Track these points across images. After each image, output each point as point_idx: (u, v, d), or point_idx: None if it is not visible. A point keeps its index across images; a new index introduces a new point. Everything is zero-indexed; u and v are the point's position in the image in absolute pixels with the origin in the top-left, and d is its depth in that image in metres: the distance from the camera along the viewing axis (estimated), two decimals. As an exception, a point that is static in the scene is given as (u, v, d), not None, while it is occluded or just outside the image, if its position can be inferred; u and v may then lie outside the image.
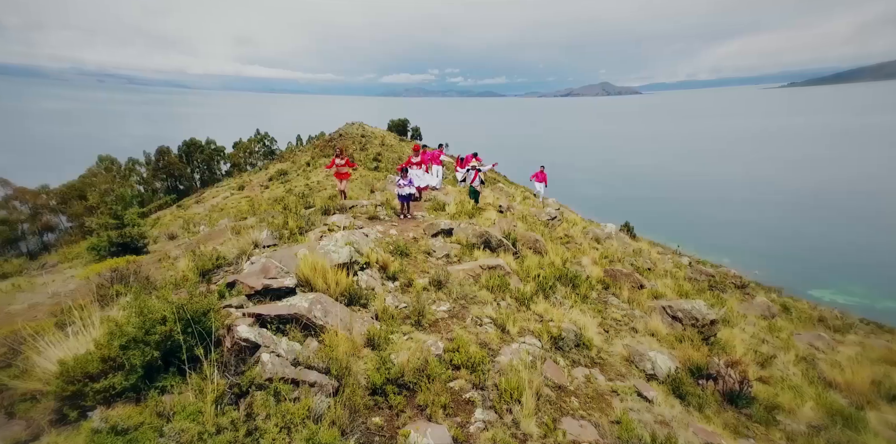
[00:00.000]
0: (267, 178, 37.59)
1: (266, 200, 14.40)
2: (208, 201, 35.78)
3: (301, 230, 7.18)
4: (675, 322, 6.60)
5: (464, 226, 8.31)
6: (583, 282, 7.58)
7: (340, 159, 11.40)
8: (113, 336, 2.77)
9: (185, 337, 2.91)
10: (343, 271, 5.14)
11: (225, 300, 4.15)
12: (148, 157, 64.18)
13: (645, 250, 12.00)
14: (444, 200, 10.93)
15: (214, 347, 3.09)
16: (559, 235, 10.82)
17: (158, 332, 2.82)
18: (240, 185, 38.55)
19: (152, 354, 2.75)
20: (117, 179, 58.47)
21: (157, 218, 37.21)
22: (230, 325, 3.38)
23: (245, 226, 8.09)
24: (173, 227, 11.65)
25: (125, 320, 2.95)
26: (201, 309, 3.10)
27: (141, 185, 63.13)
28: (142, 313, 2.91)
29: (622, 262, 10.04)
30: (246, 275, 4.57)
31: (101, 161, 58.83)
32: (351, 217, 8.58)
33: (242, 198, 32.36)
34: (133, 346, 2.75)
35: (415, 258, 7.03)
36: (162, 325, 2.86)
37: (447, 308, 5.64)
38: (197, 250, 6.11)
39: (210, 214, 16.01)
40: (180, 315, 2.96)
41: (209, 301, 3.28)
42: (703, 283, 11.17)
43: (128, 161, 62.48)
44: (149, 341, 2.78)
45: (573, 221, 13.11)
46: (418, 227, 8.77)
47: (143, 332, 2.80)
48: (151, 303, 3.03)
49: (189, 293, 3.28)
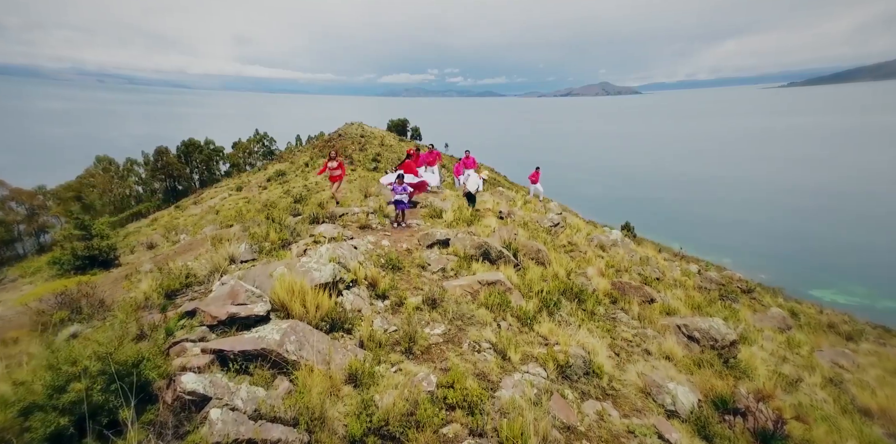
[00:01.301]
0: (265, 178, 37.07)
1: (257, 205, 13.82)
2: (206, 202, 35.26)
3: (284, 243, 6.63)
4: (692, 343, 6.05)
5: (461, 236, 7.76)
6: (589, 297, 7.03)
7: (333, 162, 10.89)
8: (6, 403, 2.20)
9: (107, 396, 2.35)
10: (325, 291, 4.58)
11: (182, 333, 3.59)
12: (146, 157, 63.63)
13: (652, 257, 11.45)
14: (441, 207, 10.38)
15: (151, 403, 2.54)
16: (562, 242, 10.28)
17: (74, 390, 2.26)
18: (238, 186, 38.04)
19: (58, 422, 2.18)
20: (115, 179, 57.95)
21: (154, 218, 36.70)
22: (172, 374, 2.81)
23: (226, 236, 7.54)
24: (154, 235, 11.08)
25: (31, 376, 2.39)
26: (131, 360, 2.53)
27: (139, 185, 62.60)
28: (53, 367, 2.35)
29: (629, 272, 9.49)
30: (211, 300, 4.01)
31: (99, 162, 58.34)
32: (341, 226, 7.98)
33: (240, 199, 31.84)
34: (36, 411, 2.19)
35: (408, 273, 6.47)
36: (78, 381, 2.30)
37: (442, 331, 5.09)
38: (165, 267, 5.55)
39: (197, 220, 15.42)
40: (109, 365, 2.40)
41: (140, 351, 2.69)
42: (714, 292, 10.63)
43: (126, 161, 61.95)
44: (58, 405, 2.22)
45: (576, 226, 12.57)
46: (412, 236, 8.25)
47: (50, 393, 2.23)
48: (71, 351, 2.47)
49: (117, 340, 2.68)
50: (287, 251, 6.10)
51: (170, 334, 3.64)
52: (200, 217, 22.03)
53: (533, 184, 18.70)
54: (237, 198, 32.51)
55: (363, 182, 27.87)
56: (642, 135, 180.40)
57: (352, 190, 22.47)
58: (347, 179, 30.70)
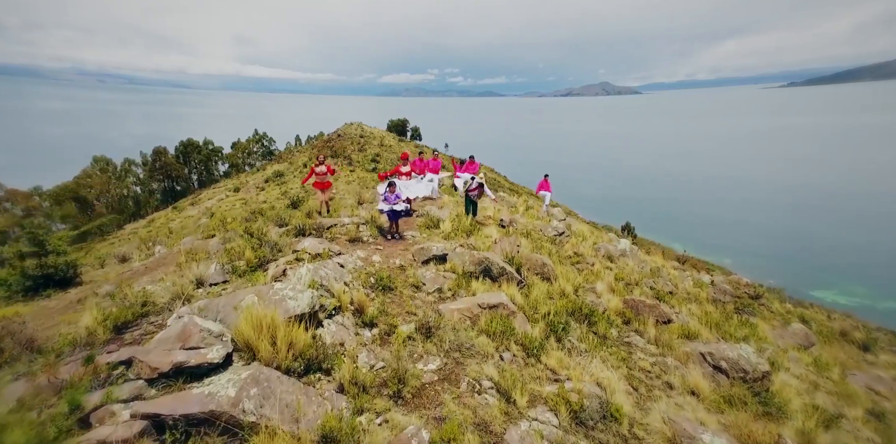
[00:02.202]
0: (263, 179, 36.42)
1: (244, 212, 13.09)
2: (203, 203, 34.61)
3: (262, 261, 6.01)
4: (719, 374, 5.40)
5: (460, 250, 7.18)
6: (600, 318, 6.37)
7: (321, 167, 10.12)
8: None
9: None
10: (301, 324, 3.93)
11: (113, 392, 2.92)
12: (144, 157, 62.96)
13: (662, 267, 10.80)
14: (438, 216, 9.77)
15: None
16: (568, 253, 9.62)
17: None
18: (235, 187, 37.41)
19: None
20: (113, 180, 57.23)
21: (151, 219, 36.05)
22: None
23: (203, 250, 6.89)
24: (128, 246, 10.38)
25: None
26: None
27: (137, 186, 61.88)
28: None
29: (640, 285, 8.83)
30: (156, 343, 3.34)
31: (96, 162, 57.63)
32: (328, 240, 7.45)
33: (237, 200, 31.19)
34: None
35: (400, 294, 5.82)
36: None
37: (437, 366, 4.43)
38: (120, 292, 4.88)
39: (178, 229, 14.63)
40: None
41: (42, 429, 2.03)
42: (729, 305, 9.97)
43: (124, 162, 61.24)
44: None
45: (581, 233, 11.92)
46: (407, 250, 7.62)
47: None
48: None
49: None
50: (263, 273, 5.43)
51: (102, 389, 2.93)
52: (182, 227, 21.23)
53: (543, 191, 17.27)
54: (234, 199, 31.88)
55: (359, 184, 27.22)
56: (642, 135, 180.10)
57: (345, 196, 21.67)
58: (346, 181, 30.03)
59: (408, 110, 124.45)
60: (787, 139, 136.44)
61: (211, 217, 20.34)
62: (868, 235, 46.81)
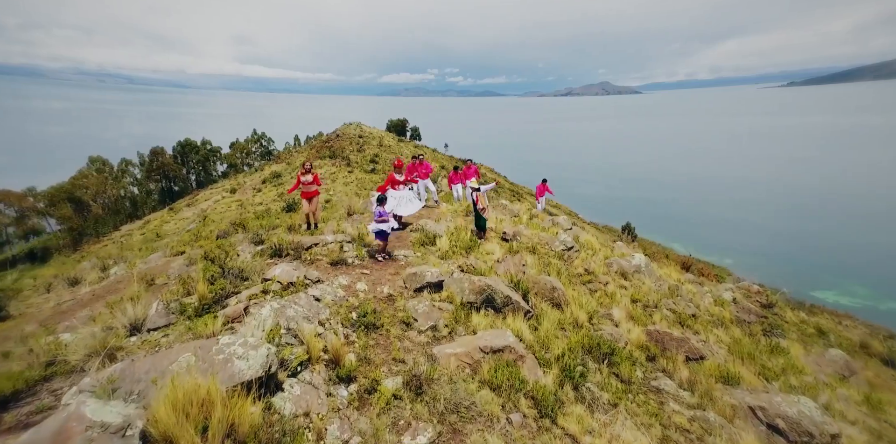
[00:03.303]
0: (261, 180, 35.63)
1: (222, 224, 12.10)
2: (200, 204, 33.79)
3: (222, 295, 5.01)
4: (775, 435, 4.47)
5: (458, 276, 6.25)
6: (622, 356, 5.44)
7: (307, 176, 9.18)
8: None
9: None
10: (250, 395, 3.00)
11: None
12: (142, 157, 62.17)
13: (681, 285, 9.87)
14: (433, 232, 8.82)
15: None
16: (578, 270, 8.72)
17: None
18: (232, 188, 36.56)
19: None
20: (109, 180, 56.33)
21: (147, 221, 35.23)
22: None
23: (161, 274, 5.99)
24: (88, 263, 9.44)
25: None
26: None
27: (135, 186, 61.04)
28: None
29: (660, 308, 7.92)
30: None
31: (93, 162, 56.81)
32: (307, 263, 6.54)
33: (233, 202, 30.37)
34: None
35: (387, 333, 4.89)
36: None
37: (429, 438, 3.50)
38: (21, 346, 3.93)
39: (144, 243, 13.57)
40: None
41: None
42: (756, 326, 9.06)
43: (121, 162, 60.42)
44: None
45: (590, 245, 11.00)
46: (397, 274, 6.70)
47: None
48: None
49: None
50: (213, 317, 4.40)
51: None
52: (146, 241, 20.23)
53: (541, 196, 16.39)
54: (230, 201, 31.13)
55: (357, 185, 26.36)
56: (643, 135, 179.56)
57: (342, 197, 20.60)
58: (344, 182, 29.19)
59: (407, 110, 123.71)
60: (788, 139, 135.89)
61: (203, 221, 19.49)
62: (869, 235, 46.32)
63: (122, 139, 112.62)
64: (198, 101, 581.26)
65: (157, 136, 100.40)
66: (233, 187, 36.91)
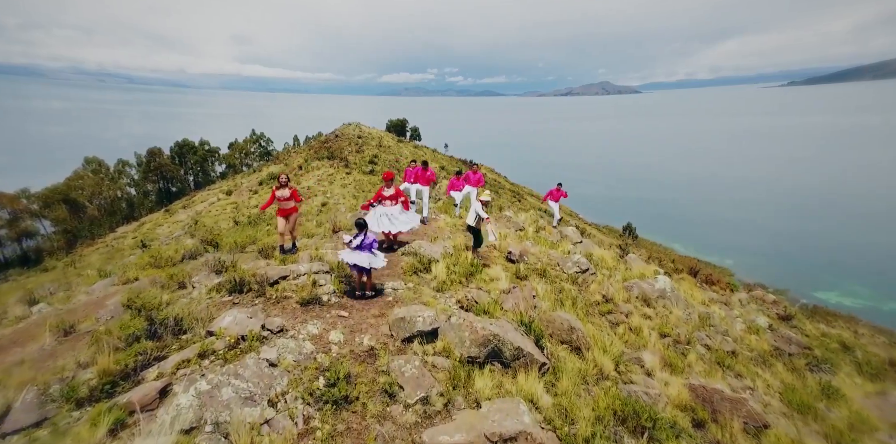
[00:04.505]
0: (257, 182, 35.47)
1: (186, 245, 11.35)
2: (196, 206, 33.60)
3: (136, 367, 3.86)
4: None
5: (456, 321, 5.25)
6: (664, 427, 4.63)
7: (283, 190, 8.12)
8: None
9: None
10: None
11: None
12: (139, 158, 61.99)
13: (705, 305, 9.36)
14: (429, 256, 7.74)
15: None
16: (595, 298, 8.16)
17: None
18: (228, 189, 36.43)
19: None
20: (106, 181, 56.16)
21: (142, 222, 35.07)
22: None
23: (88, 317, 5.37)
24: (47, 282, 8.75)
25: None
26: None
27: (132, 187, 60.88)
28: None
29: (693, 344, 7.39)
30: None
31: (88, 163, 56.63)
32: (272, 303, 5.62)
33: (228, 204, 30.23)
34: None
35: (362, 410, 4.01)
36: None
37: None
38: None
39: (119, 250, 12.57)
40: None
41: None
42: (799, 360, 8.49)
43: (117, 163, 60.26)
44: None
45: (604, 262, 10.34)
46: (383, 317, 5.67)
47: None
48: None
49: None
50: (107, 410, 3.24)
51: None
52: (111, 255, 18.93)
53: (553, 203, 14.60)
54: (225, 203, 30.98)
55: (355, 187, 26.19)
56: (642, 134, 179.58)
57: (330, 208, 18.83)
58: (341, 184, 29.00)
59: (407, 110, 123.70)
60: (788, 139, 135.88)
61: (195, 225, 19.26)
62: (870, 235, 46.29)
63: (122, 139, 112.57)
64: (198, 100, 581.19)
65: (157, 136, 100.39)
66: (229, 189, 36.80)
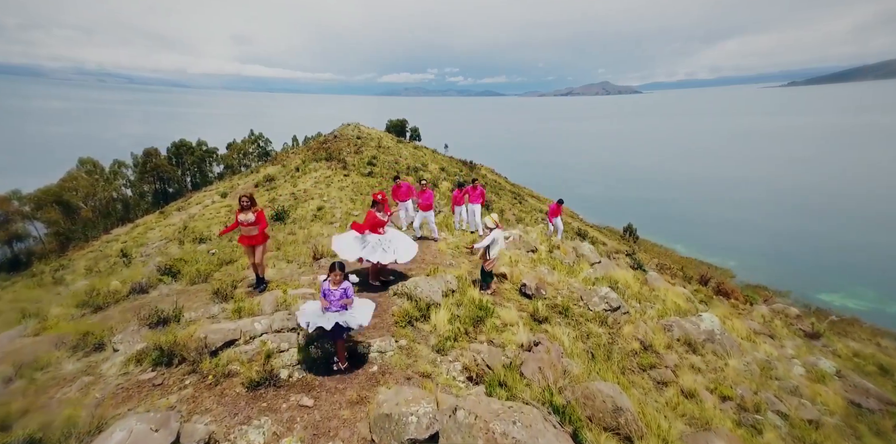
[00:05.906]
0: (253, 184, 34.87)
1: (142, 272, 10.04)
2: (192, 208, 32.99)
3: None
4: None
5: (465, 418, 3.54)
6: None
7: (246, 215, 6.54)
8: None
9: None
10: None
11: None
12: (136, 158, 61.40)
13: (753, 342, 8.11)
14: (427, 296, 6.38)
15: None
16: (632, 346, 6.79)
17: None
18: (223, 191, 35.84)
19: None
20: (101, 182, 55.50)
21: (135, 225, 34.48)
22: None
23: None
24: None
25: None
26: None
27: (128, 188, 60.28)
28: None
29: (764, 414, 6.08)
30: None
31: (83, 164, 55.97)
32: (207, 387, 4.21)
33: (223, 207, 29.61)
34: None
35: None
36: None
37: None
38: None
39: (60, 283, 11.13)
40: None
41: None
42: (882, 419, 7.16)
43: (113, 163, 59.65)
44: None
45: (629, 287, 9.08)
46: (361, 404, 4.08)
47: None
48: None
49: None
50: None
51: None
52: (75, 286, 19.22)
53: (555, 217, 14.17)
54: (220, 205, 30.36)
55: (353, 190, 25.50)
56: (642, 134, 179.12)
57: (325, 214, 17.18)
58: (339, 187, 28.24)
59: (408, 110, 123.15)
60: (788, 139, 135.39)
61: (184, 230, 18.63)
62: (873, 236, 45.76)
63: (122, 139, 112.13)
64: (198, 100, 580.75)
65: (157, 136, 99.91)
66: (224, 191, 36.20)
